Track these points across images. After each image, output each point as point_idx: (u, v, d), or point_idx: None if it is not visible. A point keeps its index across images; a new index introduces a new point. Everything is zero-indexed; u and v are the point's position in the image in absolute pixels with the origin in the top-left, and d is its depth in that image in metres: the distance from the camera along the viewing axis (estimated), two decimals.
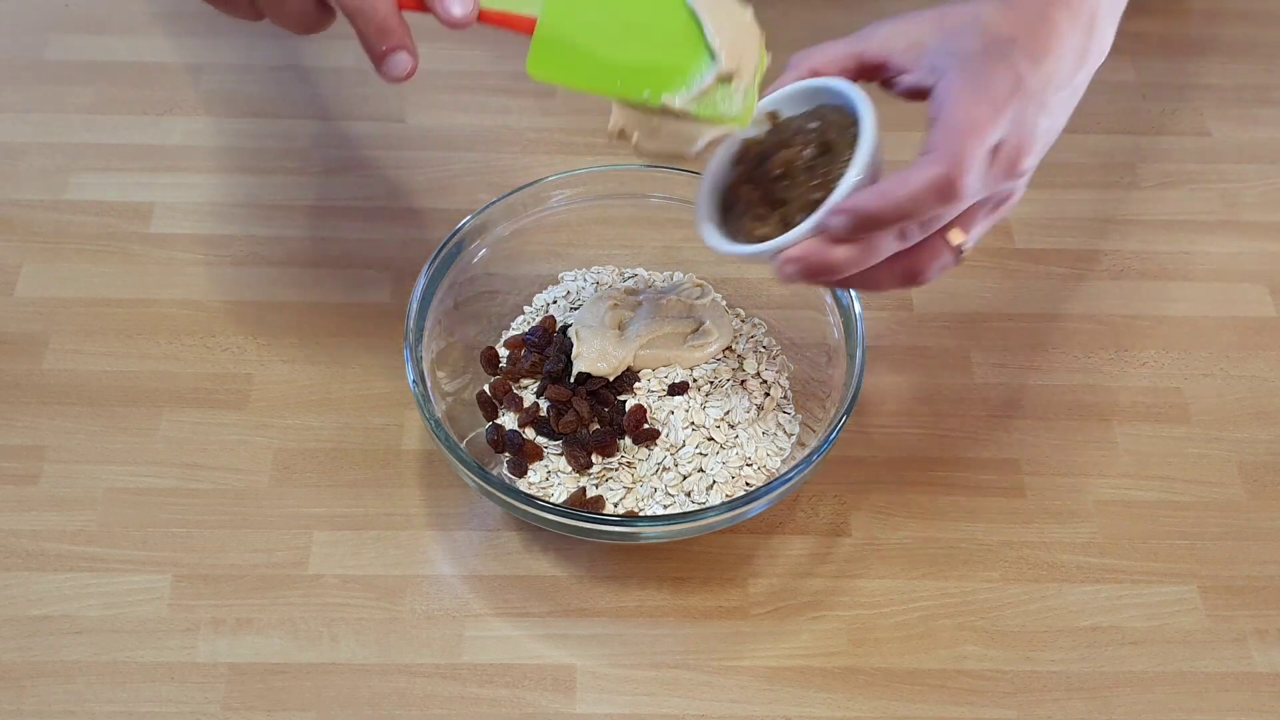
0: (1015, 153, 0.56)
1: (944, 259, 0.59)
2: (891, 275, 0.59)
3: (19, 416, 0.74)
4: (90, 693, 0.64)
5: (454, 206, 0.83)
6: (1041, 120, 0.57)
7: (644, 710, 0.65)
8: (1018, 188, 0.59)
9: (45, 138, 0.87)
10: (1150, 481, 0.74)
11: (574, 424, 0.69)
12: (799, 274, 0.58)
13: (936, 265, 0.59)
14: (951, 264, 0.59)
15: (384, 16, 0.56)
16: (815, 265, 0.58)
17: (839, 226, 0.56)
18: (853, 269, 0.58)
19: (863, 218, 0.56)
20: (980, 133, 0.55)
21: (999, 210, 0.59)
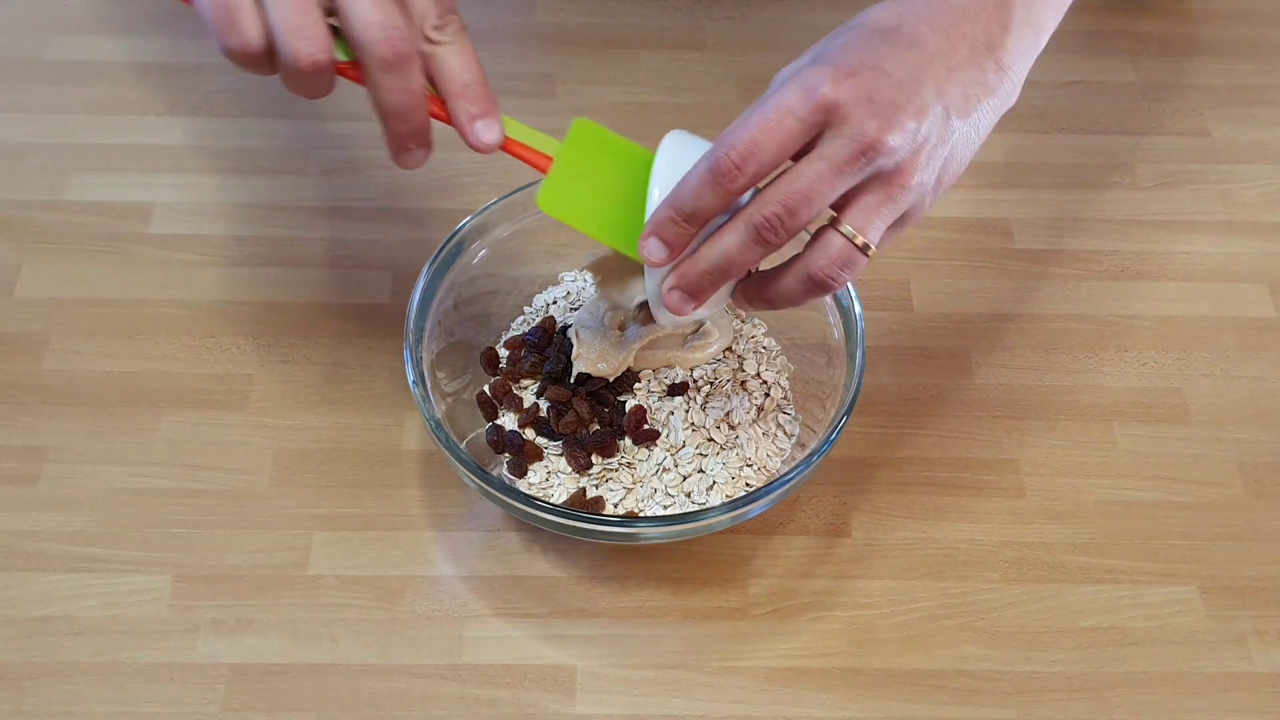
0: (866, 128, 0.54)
1: (843, 255, 0.56)
2: (798, 281, 0.58)
3: (19, 416, 0.74)
4: (90, 693, 0.64)
5: (454, 206, 0.83)
6: (916, 99, 0.55)
7: (644, 710, 0.65)
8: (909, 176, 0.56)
9: (45, 138, 0.87)
10: (1150, 482, 0.74)
11: (574, 424, 0.69)
12: (687, 297, 0.58)
13: (836, 263, 0.56)
14: (858, 261, 0.57)
15: (419, 123, 0.59)
16: (691, 281, 0.58)
17: (653, 248, 0.57)
18: (725, 275, 0.57)
19: (662, 224, 0.57)
20: (774, 116, 0.54)
21: (892, 197, 0.56)
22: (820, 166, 0.55)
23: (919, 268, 0.82)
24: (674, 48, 0.95)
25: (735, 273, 0.58)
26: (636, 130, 0.89)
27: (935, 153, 0.56)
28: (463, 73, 0.59)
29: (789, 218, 0.55)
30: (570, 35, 0.96)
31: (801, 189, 0.55)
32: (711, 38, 0.96)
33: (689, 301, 0.59)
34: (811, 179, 0.55)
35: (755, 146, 0.54)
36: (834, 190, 0.55)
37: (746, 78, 0.93)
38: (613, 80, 0.93)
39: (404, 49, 0.56)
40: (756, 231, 0.56)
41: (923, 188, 0.57)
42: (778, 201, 0.55)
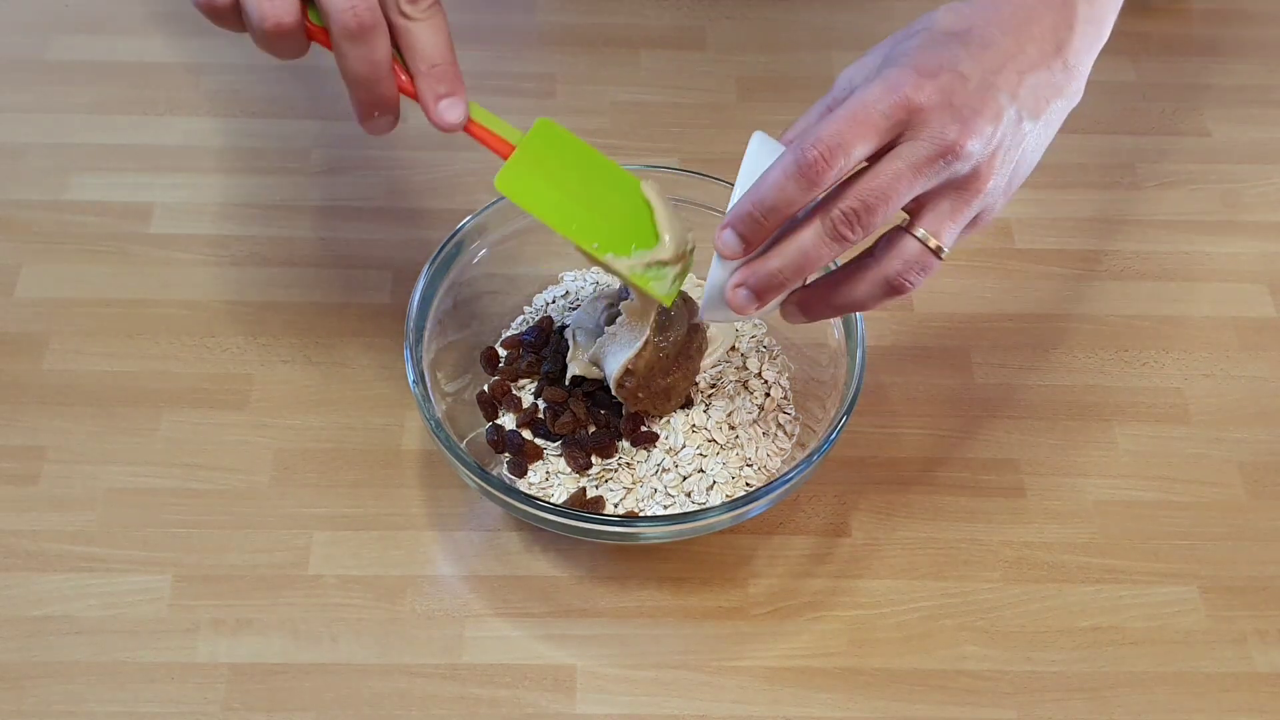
0: (946, 130, 0.54)
1: (917, 259, 0.57)
2: (871, 284, 0.58)
3: (19, 416, 0.74)
4: (90, 693, 0.64)
5: (454, 206, 0.83)
6: (993, 101, 0.55)
7: (644, 710, 0.65)
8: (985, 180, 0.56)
9: (45, 138, 0.87)
10: (1150, 481, 0.74)
11: (571, 425, 0.69)
12: (752, 296, 0.58)
13: (911, 267, 0.57)
14: (931, 264, 0.57)
15: (383, 93, 0.59)
16: (761, 280, 0.57)
17: (729, 240, 0.57)
18: (796, 274, 0.57)
19: (742, 218, 0.56)
20: (860, 113, 0.54)
21: (967, 200, 0.56)
22: (899, 166, 0.55)
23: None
24: (674, 48, 0.95)
25: (807, 271, 0.57)
26: (637, 129, 0.90)
27: (1008, 156, 0.57)
28: (432, 51, 0.59)
29: (866, 214, 0.55)
30: (570, 35, 0.96)
31: (880, 186, 0.55)
32: (712, 38, 0.96)
33: (754, 301, 0.58)
34: (890, 178, 0.55)
35: (840, 141, 0.54)
36: (911, 190, 0.55)
37: (747, 78, 0.93)
38: (613, 80, 0.93)
39: (368, 19, 0.56)
40: (834, 226, 0.56)
41: (995, 191, 0.57)
42: (856, 197, 0.55)
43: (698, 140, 0.89)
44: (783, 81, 0.93)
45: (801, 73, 0.94)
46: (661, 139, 0.89)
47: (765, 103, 0.92)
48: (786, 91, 0.92)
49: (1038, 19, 0.57)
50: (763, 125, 0.89)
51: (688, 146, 0.89)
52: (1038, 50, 0.57)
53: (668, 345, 0.67)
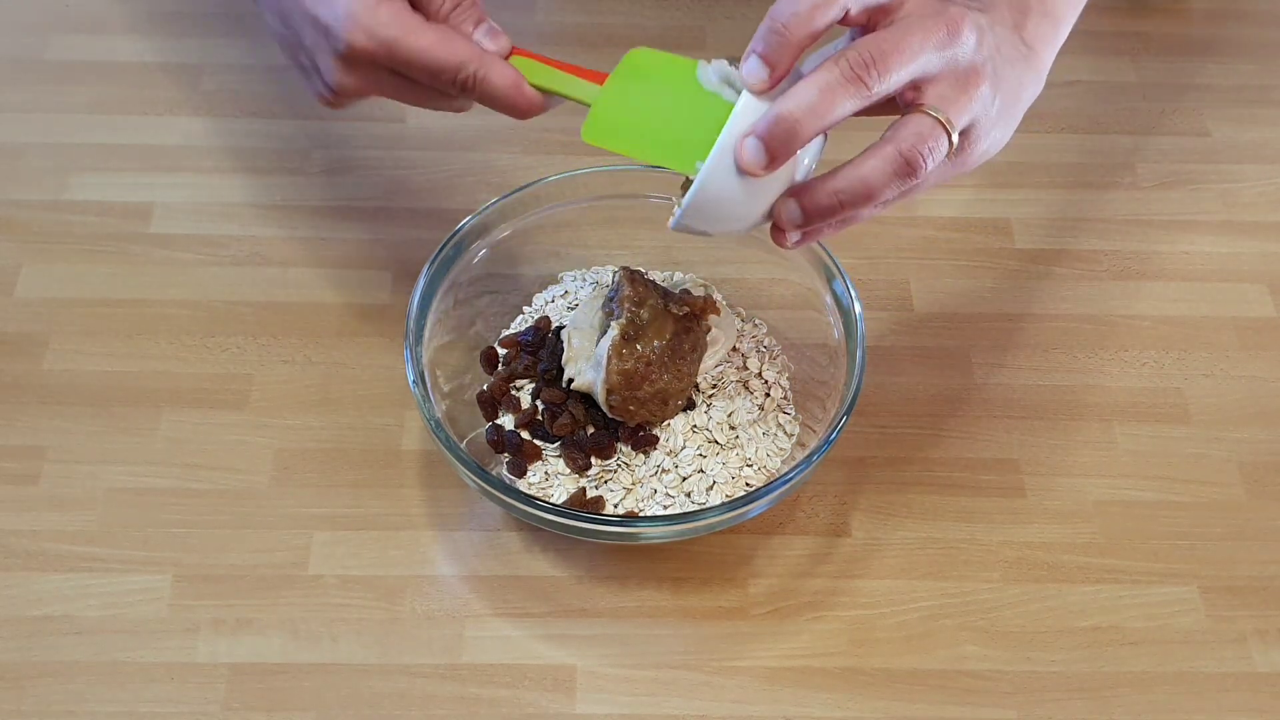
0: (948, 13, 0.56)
1: (931, 134, 0.55)
2: (881, 161, 0.55)
3: (19, 416, 0.74)
4: (90, 693, 0.64)
5: (454, 206, 0.83)
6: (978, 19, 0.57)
7: (644, 710, 0.65)
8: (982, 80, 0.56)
9: (45, 138, 0.87)
10: (1150, 481, 0.74)
11: (569, 426, 0.69)
12: (763, 148, 0.54)
13: (925, 141, 0.55)
14: (942, 142, 0.56)
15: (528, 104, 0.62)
16: (773, 125, 0.54)
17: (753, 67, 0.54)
18: (812, 120, 0.54)
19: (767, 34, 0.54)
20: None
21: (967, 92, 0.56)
22: (910, 24, 0.55)
23: (919, 268, 0.82)
24: (674, 48, 0.94)
25: (825, 118, 0.54)
26: None
27: (995, 79, 0.57)
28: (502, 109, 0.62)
29: (881, 61, 0.54)
30: (570, 35, 0.96)
31: (892, 38, 0.55)
32: (711, 38, 0.96)
33: (764, 155, 0.54)
34: (900, 33, 0.55)
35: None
36: (922, 50, 0.55)
37: None
38: None
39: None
40: (850, 68, 0.54)
41: (986, 104, 0.57)
42: (867, 47, 0.55)
43: None
44: None
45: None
46: None
47: None
48: None
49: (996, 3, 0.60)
50: None
51: None
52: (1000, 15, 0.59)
53: (644, 355, 0.67)
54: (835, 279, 0.70)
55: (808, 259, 0.72)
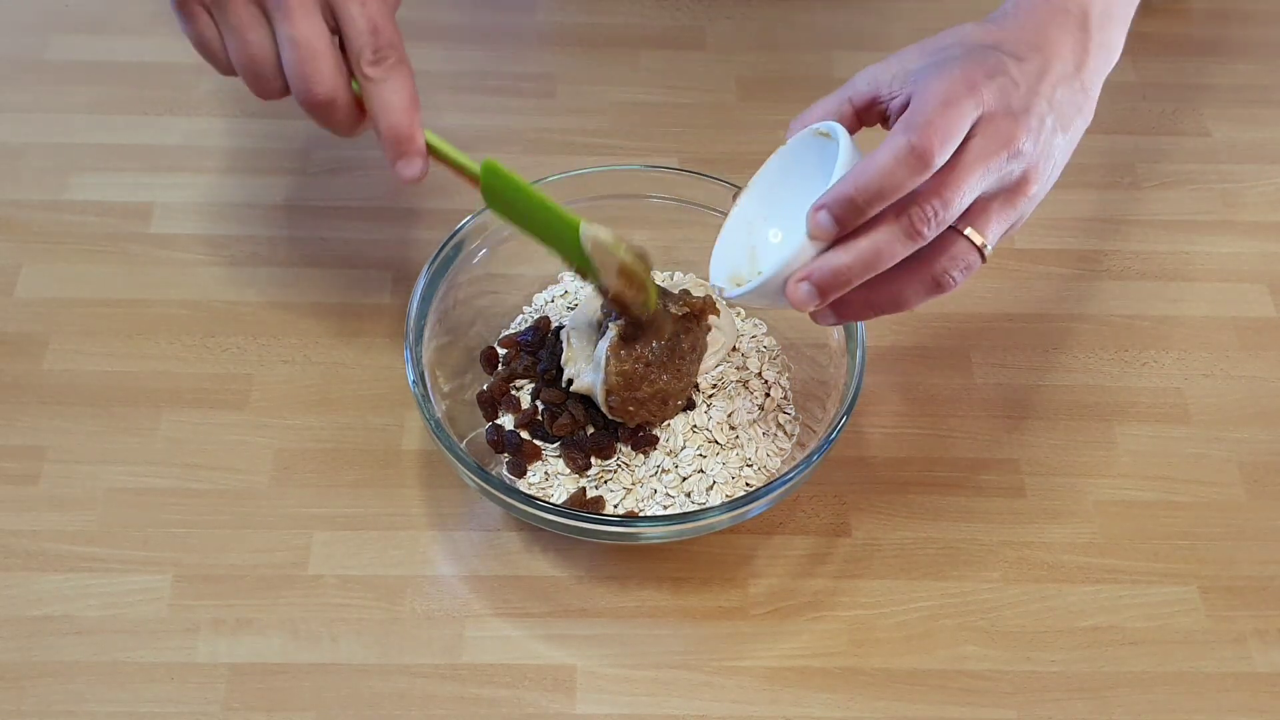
0: (1008, 130, 0.56)
1: (964, 257, 0.58)
2: (917, 283, 0.59)
3: (19, 416, 0.74)
4: (90, 693, 0.64)
5: (454, 206, 0.83)
6: (1038, 107, 0.57)
7: (644, 710, 0.65)
8: (1031, 185, 0.58)
9: (45, 138, 0.87)
10: (1150, 482, 0.74)
11: (569, 426, 0.69)
12: (815, 292, 0.57)
13: (958, 265, 0.58)
14: (976, 263, 0.58)
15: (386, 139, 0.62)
16: (826, 276, 0.57)
17: (824, 221, 0.56)
18: (863, 272, 0.57)
19: (841, 201, 0.56)
20: (951, 102, 0.55)
21: (1014, 203, 0.58)
22: (972, 162, 0.56)
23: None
24: (674, 48, 0.95)
25: (876, 269, 0.57)
26: (637, 129, 0.90)
27: (1049, 162, 0.58)
28: (386, 116, 0.61)
29: (944, 209, 0.56)
30: (570, 35, 0.96)
31: (958, 181, 0.55)
32: (711, 38, 0.96)
33: (815, 298, 0.58)
34: (965, 173, 0.56)
35: (948, 128, 0.55)
36: (980, 187, 0.56)
37: (746, 77, 0.93)
38: (613, 80, 0.93)
39: (320, 98, 0.60)
40: (912, 224, 0.56)
41: (1038, 196, 0.59)
42: (936, 195, 0.55)
43: (698, 140, 0.89)
44: (783, 81, 0.93)
45: (801, 73, 0.94)
46: (661, 139, 0.89)
47: (765, 103, 0.92)
48: (786, 91, 0.92)
49: (1059, 39, 0.59)
50: (762, 125, 0.89)
51: (688, 146, 0.89)
52: (1062, 68, 0.59)
53: (642, 355, 0.67)
54: None
55: None
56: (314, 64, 0.59)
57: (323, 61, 0.60)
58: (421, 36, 0.94)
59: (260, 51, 0.60)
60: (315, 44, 0.59)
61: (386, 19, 0.60)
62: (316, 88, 0.60)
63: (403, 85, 0.61)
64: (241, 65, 0.61)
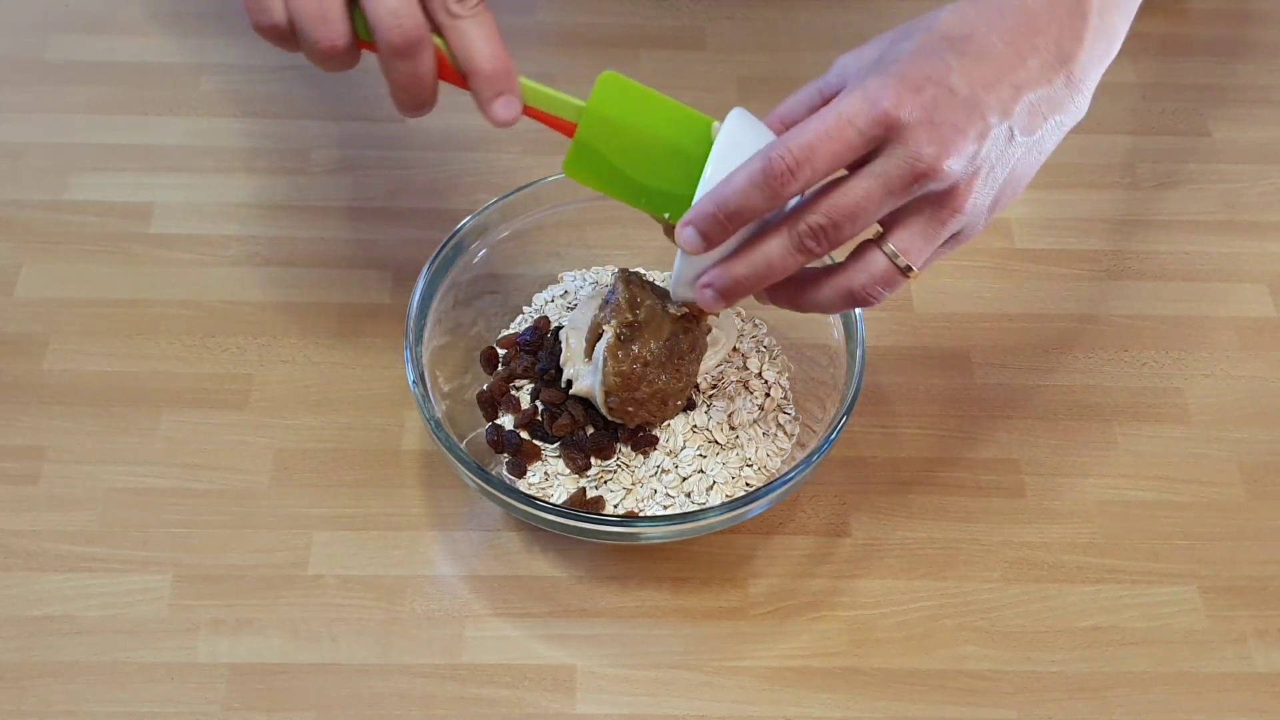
0: (925, 149, 0.53)
1: (883, 275, 0.57)
2: (833, 294, 0.59)
3: (19, 416, 0.74)
4: (90, 693, 0.64)
5: (454, 206, 0.83)
6: (978, 119, 0.54)
7: (644, 710, 0.65)
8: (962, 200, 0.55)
9: (45, 138, 0.87)
10: (1150, 481, 0.74)
11: (569, 427, 0.69)
12: (716, 296, 0.59)
13: (876, 281, 0.57)
14: (897, 280, 0.57)
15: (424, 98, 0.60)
16: (727, 284, 0.58)
17: (690, 238, 0.57)
18: (761, 281, 0.57)
19: (704, 218, 0.56)
20: (843, 120, 0.53)
21: (942, 220, 0.56)
22: (871, 185, 0.54)
23: None
24: (674, 48, 0.95)
25: (773, 278, 0.58)
26: None
27: (992, 175, 0.56)
28: (480, 51, 0.58)
29: (833, 230, 0.55)
30: (570, 35, 0.96)
31: (850, 204, 0.54)
32: (711, 38, 0.96)
33: (720, 302, 0.59)
34: (860, 195, 0.54)
35: (810, 153, 0.54)
36: (881, 209, 0.55)
37: (747, 78, 0.93)
38: None
39: (414, 36, 0.56)
40: (799, 240, 0.56)
41: (976, 210, 0.56)
42: (824, 213, 0.55)
43: None
44: (783, 81, 0.93)
45: (801, 73, 0.93)
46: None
47: (765, 103, 0.91)
48: (786, 91, 0.91)
49: (1043, 29, 0.55)
50: None
51: None
52: (1039, 62, 0.55)
53: (640, 356, 0.66)
54: None
55: None
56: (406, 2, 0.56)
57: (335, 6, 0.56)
58: None
59: None
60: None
61: None
62: (406, 20, 0.56)
63: (491, 23, 0.58)
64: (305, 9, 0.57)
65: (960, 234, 0.58)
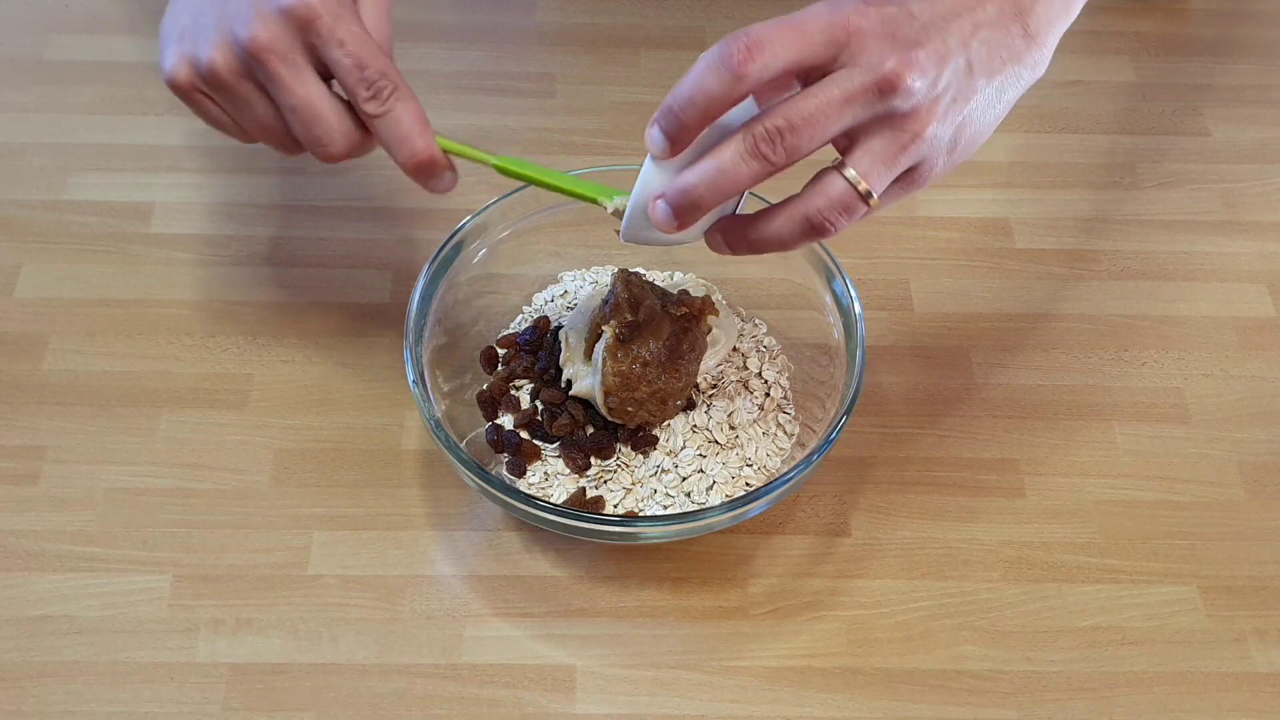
0: (884, 59, 0.53)
1: (842, 199, 0.55)
2: (789, 221, 0.57)
3: (19, 416, 0.74)
4: (90, 693, 0.64)
5: (454, 206, 0.83)
6: (937, 43, 0.53)
7: (644, 710, 0.65)
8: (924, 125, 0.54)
9: (45, 138, 0.87)
10: (1150, 481, 0.74)
11: (568, 427, 0.69)
12: (670, 212, 0.56)
13: (835, 206, 0.55)
14: (857, 207, 0.56)
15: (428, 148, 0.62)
16: (677, 195, 0.56)
17: (654, 137, 0.56)
18: (713, 191, 0.55)
19: (664, 113, 0.55)
20: (798, 23, 0.53)
21: (903, 145, 0.55)
22: (831, 91, 0.53)
23: (919, 268, 0.82)
24: (674, 48, 0.95)
25: (726, 190, 0.55)
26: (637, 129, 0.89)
27: (954, 106, 0.55)
28: (399, 151, 0.61)
29: (790, 133, 0.53)
30: (570, 35, 0.96)
31: (807, 108, 0.53)
32: (711, 38, 0.96)
33: (673, 219, 0.57)
34: (819, 100, 0.53)
35: (768, 40, 0.53)
36: (841, 119, 0.54)
37: None
38: (613, 80, 0.93)
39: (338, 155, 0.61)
40: (754, 143, 0.54)
41: (937, 141, 0.55)
42: (781, 115, 0.54)
43: None
44: None
45: None
46: None
47: None
48: None
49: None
50: None
51: None
52: (996, 9, 0.55)
53: (639, 356, 0.66)
54: (835, 279, 0.70)
55: (808, 259, 0.72)
56: (319, 126, 0.60)
57: (326, 121, 0.60)
58: (421, 36, 0.95)
59: (268, 122, 0.61)
60: (314, 106, 0.59)
61: (370, 51, 0.59)
62: (330, 148, 0.60)
63: (406, 113, 0.60)
64: (259, 136, 0.62)
65: (919, 169, 0.56)
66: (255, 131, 0.62)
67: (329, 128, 0.60)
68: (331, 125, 0.60)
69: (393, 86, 0.60)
